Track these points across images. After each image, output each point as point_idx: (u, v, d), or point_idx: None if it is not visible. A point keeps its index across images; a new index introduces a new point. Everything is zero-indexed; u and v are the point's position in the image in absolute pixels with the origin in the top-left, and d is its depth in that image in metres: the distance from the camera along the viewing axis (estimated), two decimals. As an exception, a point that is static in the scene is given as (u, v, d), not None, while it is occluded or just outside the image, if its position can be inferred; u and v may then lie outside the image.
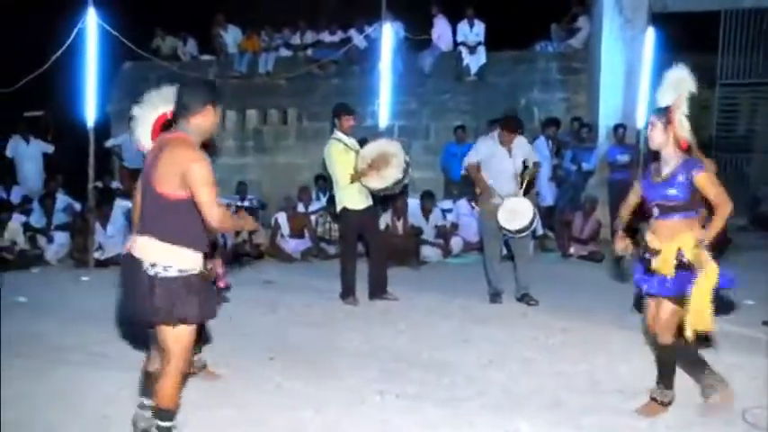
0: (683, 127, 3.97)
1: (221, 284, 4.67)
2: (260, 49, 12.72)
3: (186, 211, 3.20)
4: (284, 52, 12.87)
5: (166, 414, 3.34)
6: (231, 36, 13.13)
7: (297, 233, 9.53)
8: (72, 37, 8.49)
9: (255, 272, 8.30)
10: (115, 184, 10.93)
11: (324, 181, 10.75)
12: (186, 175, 3.15)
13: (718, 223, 3.90)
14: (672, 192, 3.97)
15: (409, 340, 5.70)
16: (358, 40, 12.29)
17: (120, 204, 9.68)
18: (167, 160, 3.19)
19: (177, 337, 3.25)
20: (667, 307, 4.01)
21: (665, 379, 4.14)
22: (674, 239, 3.97)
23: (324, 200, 10.20)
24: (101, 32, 8.53)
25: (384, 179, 6.60)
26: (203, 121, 3.37)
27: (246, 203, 10.82)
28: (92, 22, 8.39)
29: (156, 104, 3.89)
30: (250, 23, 13.07)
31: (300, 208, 9.88)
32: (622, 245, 4.33)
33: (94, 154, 8.64)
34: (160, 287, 3.16)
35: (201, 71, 12.56)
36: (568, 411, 4.18)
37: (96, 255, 8.75)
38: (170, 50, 12.98)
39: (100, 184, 9.87)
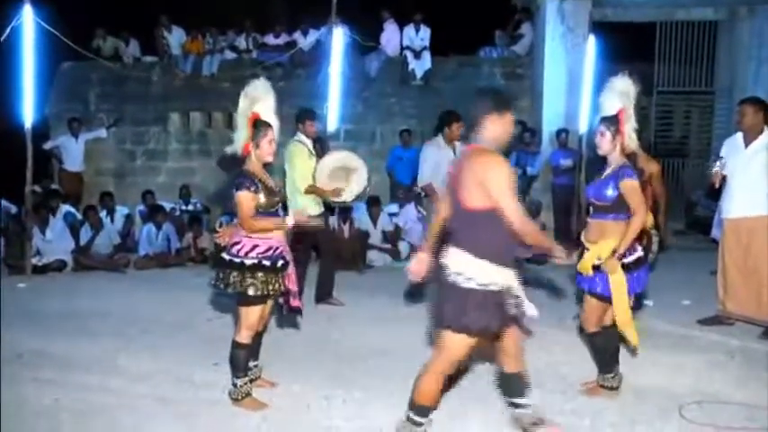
0: (631, 138, 4.18)
1: (293, 304, 4.37)
2: (204, 51, 12.56)
3: (489, 222, 3.27)
4: (229, 55, 12.74)
5: (423, 410, 3.50)
6: (175, 37, 12.93)
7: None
8: (6, 34, 8.18)
9: (200, 277, 8.15)
10: (54, 187, 10.65)
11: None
12: (485, 183, 3.23)
13: (629, 235, 4.06)
14: (606, 192, 4.16)
15: (356, 345, 5.68)
16: (304, 43, 12.24)
17: (61, 208, 9.45)
18: (468, 173, 3.30)
19: (454, 342, 3.38)
20: (590, 301, 4.29)
21: (602, 365, 4.41)
22: (599, 241, 4.17)
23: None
24: (38, 30, 8.27)
25: (342, 195, 6.60)
26: (492, 130, 3.40)
27: (190, 207, 10.67)
28: (28, 20, 8.13)
29: (251, 102, 4.19)
30: (194, 25, 12.89)
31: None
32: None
33: (32, 156, 8.38)
34: (457, 295, 3.28)
35: (144, 73, 12.35)
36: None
37: (34, 260, 8.49)
38: (111, 51, 12.69)
39: (38, 188, 9.60)
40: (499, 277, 3.33)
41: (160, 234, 9.29)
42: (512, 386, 3.68)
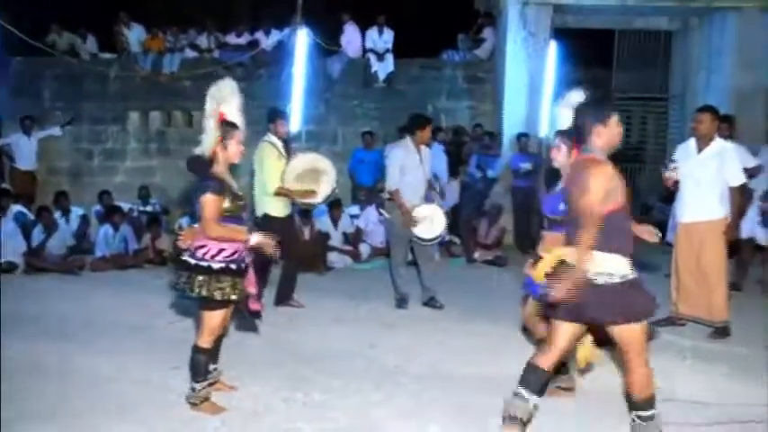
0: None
1: (253, 307, 4.31)
2: (164, 49, 12.38)
3: (612, 221, 3.47)
4: (190, 53, 12.57)
5: (647, 403, 3.58)
6: (134, 34, 12.69)
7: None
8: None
9: (159, 279, 8.03)
10: (4, 186, 10.38)
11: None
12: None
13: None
14: (560, 206, 4.11)
15: (316, 347, 5.66)
16: (266, 43, 12.17)
17: (12, 208, 9.22)
18: (583, 180, 3.47)
19: (632, 332, 3.49)
20: (534, 306, 4.42)
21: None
22: (552, 253, 4.16)
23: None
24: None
25: (310, 198, 6.56)
26: (600, 140, 3.54)
27: (149, 208, 10.51)
28: (-20, 14, 7.93)
29: (217, 103, 4.12)
30: (155, 22, 12.70)
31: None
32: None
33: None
34: (612, 293, 3.44)
35: (102, 69, 12.13)
36: (476, 414, 4.24)
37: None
38: (67, 47, 12.41)
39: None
40: (628, 266, 3.55)
41: (117, 235, 9.12)
42: (535, 379, 3.74)
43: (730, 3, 10.83)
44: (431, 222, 6.76)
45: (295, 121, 8.99)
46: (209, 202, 4.00)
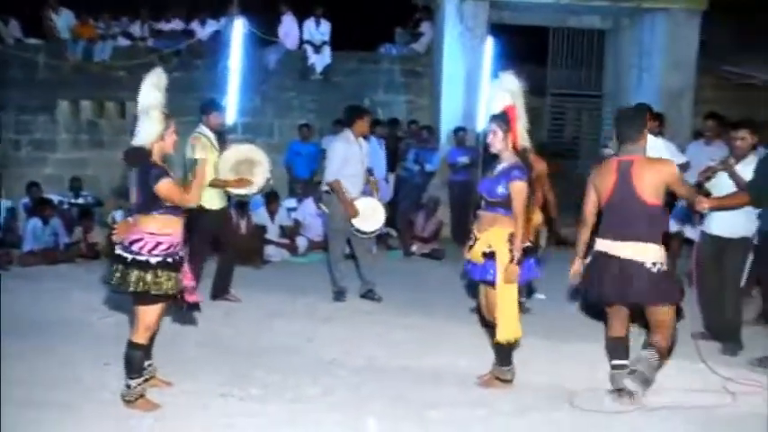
0: (522, 136, 4.31)
1: (191, 299, 4.26)
2: (96, 36, 12.02)
3: (660, 214, 4.27)
4: (123, 42, 12.24)
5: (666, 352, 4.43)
6: (63, 20, 12.26)
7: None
8: None
9: (91, 273, 7.83)
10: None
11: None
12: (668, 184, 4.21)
13: (516, 242, 4.30)
14: (498, 189, 4.33)
15: (253, 341, 5.62)
16: (202, 33, 11.95)
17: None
18: (647, 177, 4.18)
19: (666, 313, 4.26)
20: (486, 291, 4.49)
21: (502, 357, 4.54)
22: (489, 230, 4.35)
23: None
24: None
25: (246, 187, 6.48)
26: (644, 144, 4.36)
27: (80, 201, 10.22)
28: None
29: (158, 92, 4.12)
30: (85, 8, 12.30)
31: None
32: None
33: None
34: (660, 278, 4.14)
35: (29, 56, 11.69)
36: (413, 406, 4.29)
37: None
38: (-14, 30, 11.90)
39: None
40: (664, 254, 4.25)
41: (47, 229, 8.83)
42: (621, 347, 4.47)
43: (659, 4, 11.17)
44: (372, 215, 6.78)
45: (231, 113, 8.83)
46: (170, 186, 3.97)
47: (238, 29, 8.96)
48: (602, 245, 4.27)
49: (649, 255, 4.12)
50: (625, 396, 4.29)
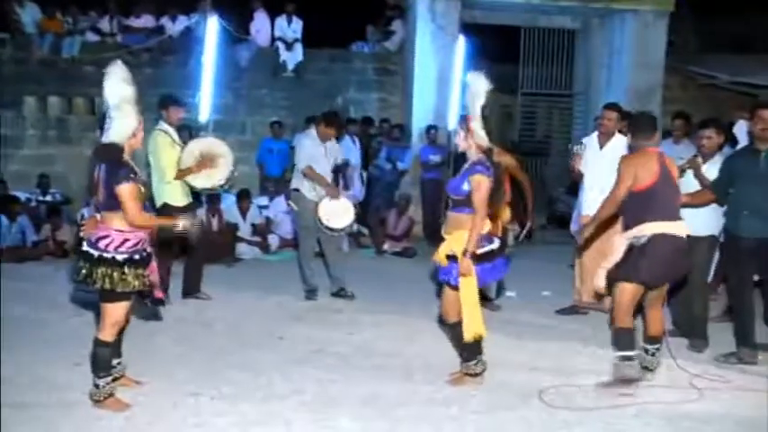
0: (478, 135, 4.38)
1: (157, 295, 4.25)
2: (63, 31, 11.82)
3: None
4: (91, 37, 12.06)
5: (656, 339, 4.80)
6: (28, 14, 12.02)
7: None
8: None
9: (59, 271, 7.72)
10: None
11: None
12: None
13: (473, 234, 4.33)
14: (462, 187, 4.41)
15: (224, 340, 5.59)
16: (172, 29, 11.82)
17: None
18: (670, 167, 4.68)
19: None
20: (447, 292, 4.53)
21: (467, 354, 4.57)
22: (453, 234, 4.42)
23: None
24: None
25: (210, 179, 6.40)
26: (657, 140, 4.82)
27: (48, 198, 10.07)
28: None
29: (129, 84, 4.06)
30: (51, 2, 12.09)
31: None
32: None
33: None
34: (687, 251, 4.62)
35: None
36: (384, 404, 4.30)
37: None
38: (-53, 24, 11.64)
39: None
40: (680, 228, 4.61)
41: (14, 226, 8.69)
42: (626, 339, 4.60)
43: (628, 5, 11.31)
44: (341, 212, 6.78)
45: (204, 109, 8.76)
46: (130, 191, 3.89)
47: (212, 25, 8.86)
48: (659, 227, 4.47)
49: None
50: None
